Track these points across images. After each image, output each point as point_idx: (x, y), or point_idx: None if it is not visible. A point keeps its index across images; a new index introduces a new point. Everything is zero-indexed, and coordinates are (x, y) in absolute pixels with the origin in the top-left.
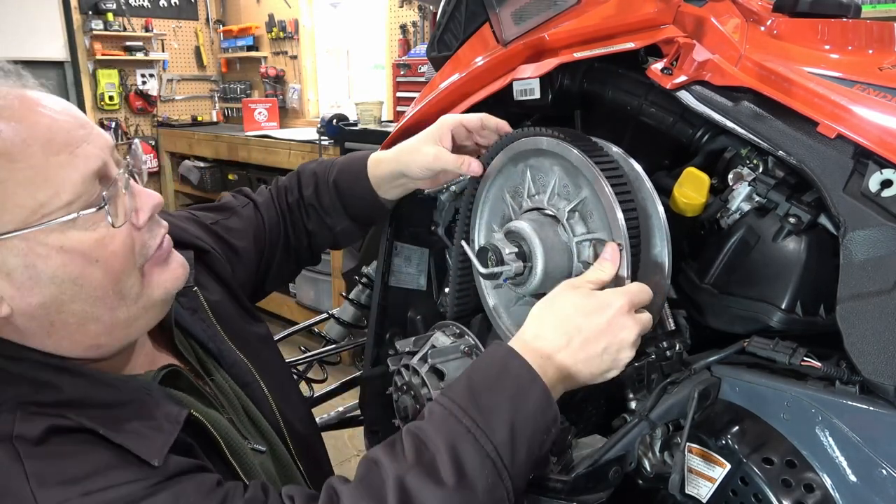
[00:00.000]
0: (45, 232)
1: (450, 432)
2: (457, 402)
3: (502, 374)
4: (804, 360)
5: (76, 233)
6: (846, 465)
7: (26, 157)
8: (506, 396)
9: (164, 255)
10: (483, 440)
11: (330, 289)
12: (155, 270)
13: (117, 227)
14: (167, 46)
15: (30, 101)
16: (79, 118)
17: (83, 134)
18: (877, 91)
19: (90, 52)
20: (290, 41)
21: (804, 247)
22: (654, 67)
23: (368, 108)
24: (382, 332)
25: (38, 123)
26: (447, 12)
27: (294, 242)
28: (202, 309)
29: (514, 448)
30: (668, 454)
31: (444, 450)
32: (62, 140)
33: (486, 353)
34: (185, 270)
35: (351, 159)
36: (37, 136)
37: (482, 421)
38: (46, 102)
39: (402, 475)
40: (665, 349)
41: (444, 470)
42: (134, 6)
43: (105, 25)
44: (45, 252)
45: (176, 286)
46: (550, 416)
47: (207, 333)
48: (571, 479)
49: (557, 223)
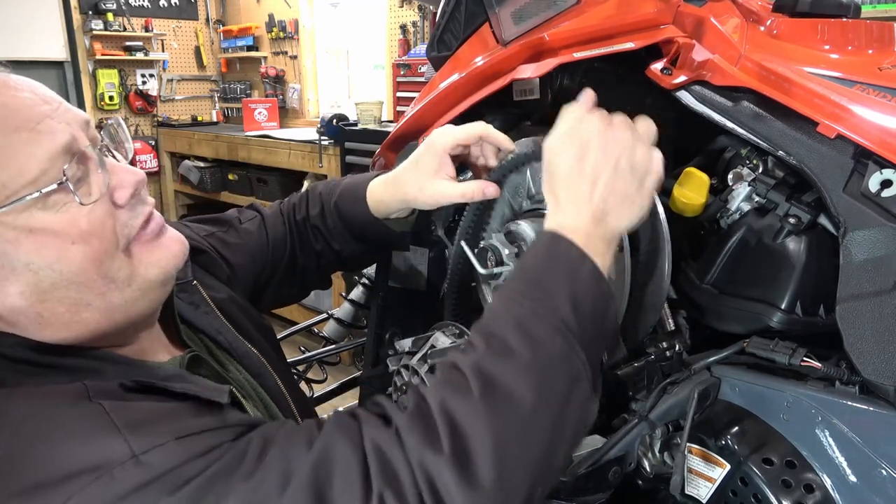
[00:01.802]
0: (13, 214)
1: (514, 315)
2: (514, 289)
3: (552, 258)
4: (804, 361)
5: (45, 214)
6: (846, 465)
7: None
8: (561, 276)
9: (152, 233)
10: (549, 315)
11: (330, 289)
12: (144, 249)
13: (86, 204)
14: (167, 46)
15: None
16: (42, 94)
17: (46, 110)
18: (877, 91)
19: (90, 52)
20: (290, 41)
21: (804, 247)
22: (654, 67)
23: (368, 108)
24: (382, 332)
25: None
26: (447, 12)
27: (302, 262)
28: (205, 303)
29: (579, 321)
30: (668, 455)
31: (513, 330)
32: (22, 117)
33: (532, 244)
34: (182, 247)
35: (353, 184)
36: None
37: (544, 298)
38: (5, 81)
39: (478, 362)
40: (665, 349)
41: (516, 346)
42: (134, 6)
43: (105, 25)
44: (14, 236)
45: (174, 264)
46: (604, 287)
47: (215, 326)
48: (571, 480)
49: None
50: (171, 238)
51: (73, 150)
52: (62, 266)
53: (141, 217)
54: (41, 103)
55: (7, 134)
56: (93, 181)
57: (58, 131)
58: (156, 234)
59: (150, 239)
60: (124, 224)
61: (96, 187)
